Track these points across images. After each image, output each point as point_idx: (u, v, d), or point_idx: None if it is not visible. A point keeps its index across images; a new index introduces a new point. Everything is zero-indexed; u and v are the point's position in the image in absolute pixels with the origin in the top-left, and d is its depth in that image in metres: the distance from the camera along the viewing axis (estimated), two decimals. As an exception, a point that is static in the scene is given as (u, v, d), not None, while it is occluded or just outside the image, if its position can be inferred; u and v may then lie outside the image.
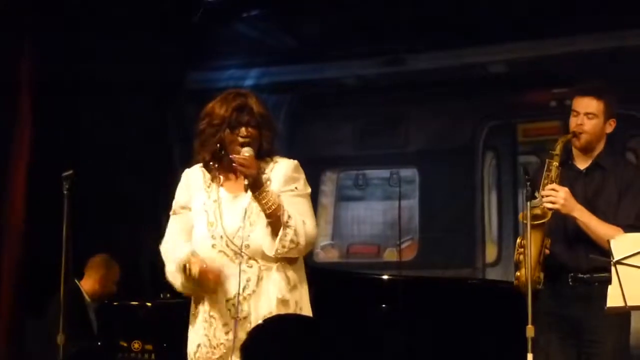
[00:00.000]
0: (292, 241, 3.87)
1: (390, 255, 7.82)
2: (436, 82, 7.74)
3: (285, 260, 3.94)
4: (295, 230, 3.86)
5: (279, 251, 3.87)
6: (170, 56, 8.08)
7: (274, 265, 3.93)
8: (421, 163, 7.87)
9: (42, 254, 5.66)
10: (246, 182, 3.82)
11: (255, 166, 3.82)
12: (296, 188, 3.96)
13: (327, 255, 8.09)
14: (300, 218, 3.88)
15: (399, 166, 7.93)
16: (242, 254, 3.89)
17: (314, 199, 4.22)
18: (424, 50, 7.72)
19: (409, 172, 7.92)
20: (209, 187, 4.04)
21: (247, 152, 3.85)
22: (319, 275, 4.43)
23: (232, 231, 3.93)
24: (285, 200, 3.90)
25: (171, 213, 4.12)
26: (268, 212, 3.85)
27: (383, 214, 7.90)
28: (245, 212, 3.93)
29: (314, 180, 4.44)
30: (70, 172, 4.56)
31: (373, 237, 7.93)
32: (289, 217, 3.85)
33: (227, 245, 3.92)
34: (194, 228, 4.03)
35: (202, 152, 4.01)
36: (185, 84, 8.37)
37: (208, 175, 4.04)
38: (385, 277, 6.04)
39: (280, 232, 3.85)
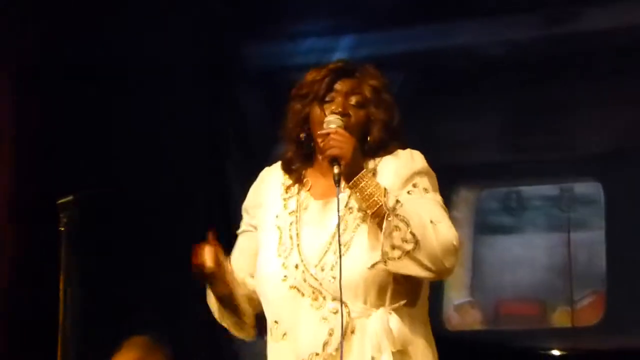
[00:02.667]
0: (406, 240, 3.01)
1: (561, 317, 6.67)
2: (624, 50, 6.31)
3: (394, 302, 3.11)
4: (411, 224, 3.01)
5: (388, 255, 2.99)
6: (225, 21, 6.99)
7: (374, 312, 3.14)
8: (607, 174, 6.55)
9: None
10: (335, 170, 3.10)
11: (350, 143, 3.08)
12: (418, 186, 3.17)
13: (465, 318, 7.06)
14: (427, 215, 3.13)
15: (572, 179, 6.68)
16: (323, 291, 3.17)
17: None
18: (606, 2, 6.40)
19: (588, 188, 6.68)
20: (287, 192, 3.40)
21: (334, 122, 3.16)
22: (453, 350, 3.79)
23: (313, 256, 3.23)
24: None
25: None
26: (371, 210, 3.06)
27: (549, 254, 6.64)
28: (337, 228, 3.20)
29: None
30: (70, 197, 4.35)
31: (534, 289, 6.72)
32: (399, 204, 3.05)
33: (305, 280, 3.22)
34: (259, 251, 3.41)
35: (287, 144, 3.49)
36: (244, 60, 7.09)
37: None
38: (556, 352, 5.45)
39: (385, 224, 3.02)
